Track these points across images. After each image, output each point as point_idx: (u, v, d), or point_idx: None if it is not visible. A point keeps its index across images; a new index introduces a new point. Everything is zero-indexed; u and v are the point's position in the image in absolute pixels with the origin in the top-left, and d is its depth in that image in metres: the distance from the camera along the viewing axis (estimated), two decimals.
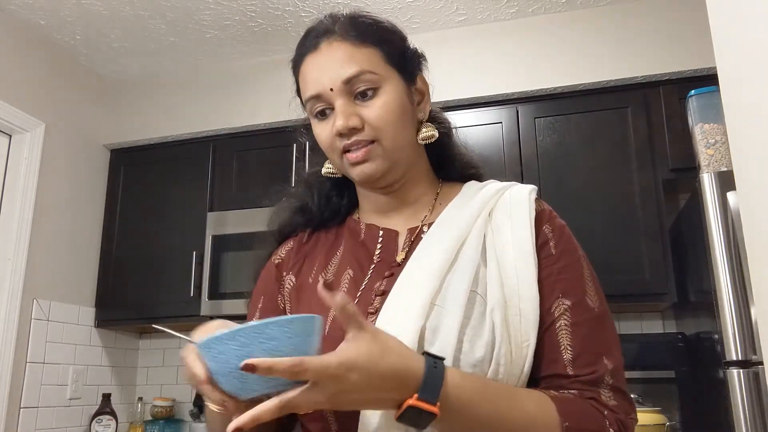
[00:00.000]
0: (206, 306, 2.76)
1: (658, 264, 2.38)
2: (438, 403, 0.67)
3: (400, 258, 0.91)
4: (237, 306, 2.72)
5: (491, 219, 0.90)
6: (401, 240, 0.94)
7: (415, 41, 0.98)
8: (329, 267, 0.96)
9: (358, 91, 0.88)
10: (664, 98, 2.54)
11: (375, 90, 0.88)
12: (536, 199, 0.93)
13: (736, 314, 1.80)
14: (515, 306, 0.81)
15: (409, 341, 0.76)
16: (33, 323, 2.64)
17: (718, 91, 0.94)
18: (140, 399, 3.08)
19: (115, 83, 3.23)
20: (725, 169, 2.03)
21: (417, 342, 0.77)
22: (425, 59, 0.99)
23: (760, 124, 0.78)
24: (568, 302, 0.83)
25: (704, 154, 2.13)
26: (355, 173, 0.90)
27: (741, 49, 0.85)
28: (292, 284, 0.97)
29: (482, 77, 2.74)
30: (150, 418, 2.99)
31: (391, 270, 0.89)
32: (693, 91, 2.24)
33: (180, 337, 0.74)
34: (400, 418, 0.68)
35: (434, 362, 0.70)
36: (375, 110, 0.88)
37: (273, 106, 2.92)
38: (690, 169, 2.33)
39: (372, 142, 0.88)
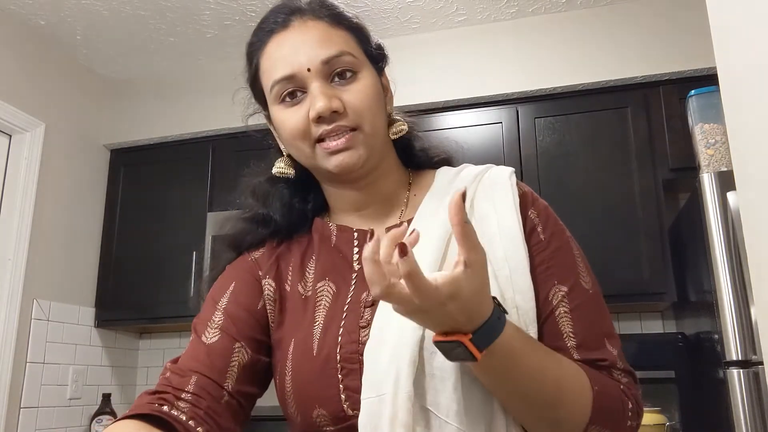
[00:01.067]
0: None
1: (658, 264, 2.38)
2: (483, 352, 0.65)
3: None
4: None
5: (474, 208, 0.84)
6: None
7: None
8: (307, 276, 0.88)
9: (336, 73, 0.81)
10: (664, 98, 2.54)
11: (354, 74, 0.82)
12: (516, 181, 0.89)
13: (736, 314, 1.80)
14: (510, 299, 0.77)
15: (409, 355, 0.72)
16: (33, 323, 2.64)
17: (718, 91, 0.94)
18: None
19: (115, 83, 3.23)
20: (725, 169, 2.03)
21: (417, 354, 0.73)
22: (388, 56, 0.93)
23: (760, 124, 0.78)
24: (564, 288, 0.80)
25: (704, 154, 2.13)
26: (334, 163, 0.81)
27: (741, 49, 0.85)
28: (272, 289, 0.90)
29: (482, 77, 2.74)
30: None
31: None
32: (693, 91, 2.25)
33: None
34: (440, 344, 0.65)
35: (499, 314, 0.67)
36: (356, 94, 0.81)
37: None
38: (690, 169, 2.33)
39: (353, 129, 0.81)
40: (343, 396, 0.77)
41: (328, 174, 0.85)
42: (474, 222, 0.81)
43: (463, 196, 0.61)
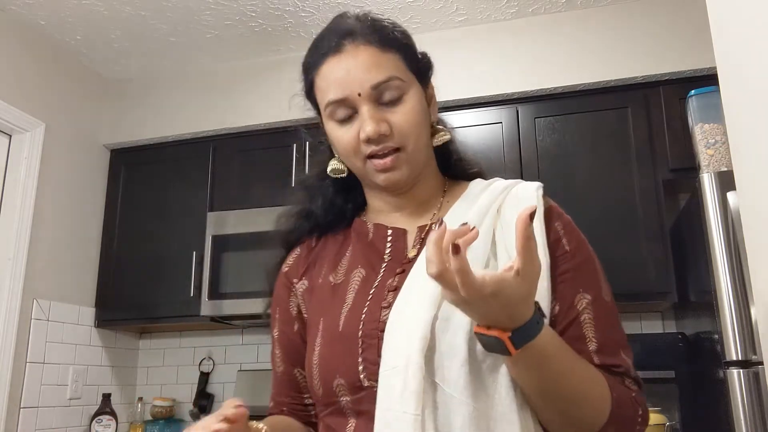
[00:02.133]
0: (206, 306, 2.76)
1: (660, 264, 2.38)
2: (517, 350, 0.72)
3: (411, 254, 0.93)
4: (237, 306, 2.72)
5: (500, 215, 0.91)
6: (410, 238, 0.96)
7: (415, 41, 0.99)
8: (339, 268, 0.97)
9: (385, 96, 0.89)
10: (664, 98, 2.54)
11: (401, 95, 0.90)
12: (543, 195, 0.94)
13: (736, 314, 1.80)
14: None
15: (421, 332, 0.79)
16: (33, 323, 2.64)
17: (718, 91, 0.94)
18: (140, 399, 3.08)
19: (115, 83, 3.23)
20: (725, 169, 2.03)
21: (429, 332, 0.79)
22: (433, 64, 1.00)
23: (760, 124, 0.78)
24: (589, 296, 0.86)
25: (704, 154, 2.13)
26: (382, 178, 0.92)
27: (741, 49, 0.85)
28: (305, 287, 1.00)
29: (482, 77, 2.74)
30: (150, 418, 2.99)
31: (403, 267, 0.92)
32: (693, 91, 2.25)
33: None
34: (481, 336, 0.73)
35: (539, 318, 0.73)
36: (401, 116, 0.89)
37: (273, 106, 2.91)
38: (690, 169, 2.33)
39: (398, 149, 0.89)
40: (360, 367, 0.85)
41: (375, 185, 0.96)
42: (499, 227, 0.90)
43: (532, 215, 0.68)
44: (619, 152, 2.53)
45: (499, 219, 0.90)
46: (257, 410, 0.94)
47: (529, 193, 0.93)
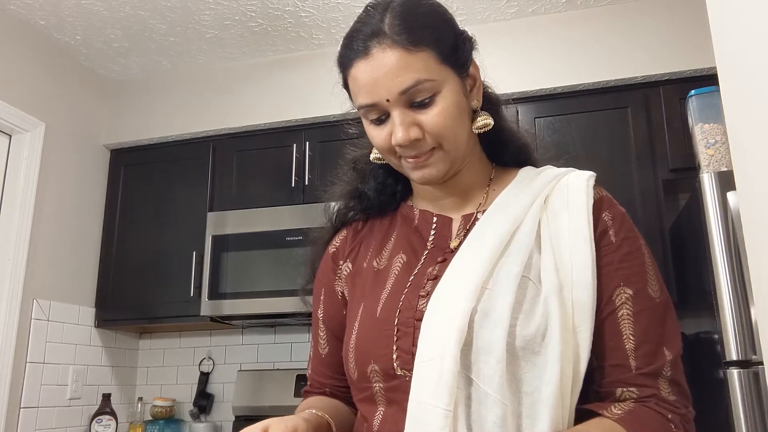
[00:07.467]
0: (206, 306, 2.76)
1: (659, 264, 2.37)
2: None
3: (454, 244, 0.91)
4: (237, 306, 2.72)
5: (547, 205, 0.89)
6: (455, 226, 0.94)
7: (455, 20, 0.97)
8: (383, 252, 0.97)
9: (416, 98, 0.86)
10: (664, 98, 2.54)
11: (432, 96, 0.86)
12: (594, 185, 0.91)
13: (736, 314, 1.80)
14: (568, 292, 0.81)
15: (459, 324, 0.77)
16: (33, 323, 2.64)
17: (718, 91, 0.94)
18: (140, 399, 3.08)
19: (115, 83, 3.23)
20: (725, 169, 2.03)
21: (467, 324, 0.78)
22: (476, 42, 0.97)
23: (760, 124, 0.78)
24: (629, 291, 0.84)
25: (704, 154, 2.13)
26: (417, 176, 0.90)
27: (741, 49, 0.85)
28: (349, 270, 1.00)
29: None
30: (150, 418, 2.99)
31: (444, 255, 0.90)
32: (693, 91, 2.24)
33: None
34: None
35: None
36: (434, 118, 0.86)
37: (273, 106, 2.91)
38: (690, 169, 2.33)
39: (433, 148, 0.88)
40: (394, 355, 0.84)
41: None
42: (545, 218, 0.88)
43: None
44: (619, 152, 2.53)
45: (546, 210, 0.88)
46: (257, 410, 0.94)
47: (579, 183, 0.90)
